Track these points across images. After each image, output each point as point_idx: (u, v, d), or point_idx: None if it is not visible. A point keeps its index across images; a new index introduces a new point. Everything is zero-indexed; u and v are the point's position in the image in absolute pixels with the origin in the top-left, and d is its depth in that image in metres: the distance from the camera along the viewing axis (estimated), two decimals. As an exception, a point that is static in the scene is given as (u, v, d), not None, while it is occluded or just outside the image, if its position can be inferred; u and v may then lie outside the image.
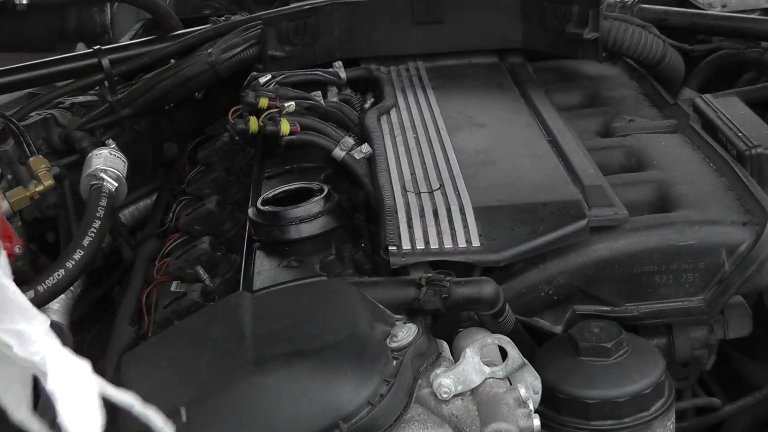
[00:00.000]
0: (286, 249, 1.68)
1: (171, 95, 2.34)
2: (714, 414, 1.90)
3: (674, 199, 1.74)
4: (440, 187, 1.70)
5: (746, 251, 1.61)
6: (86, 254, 1.82)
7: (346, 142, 1.84)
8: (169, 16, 2.65)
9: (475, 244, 1.56)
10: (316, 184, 1.78)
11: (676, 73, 2.27)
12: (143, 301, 1.76)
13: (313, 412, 1.24)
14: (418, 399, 1.32)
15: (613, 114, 2.12)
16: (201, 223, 1.89)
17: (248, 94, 1.90)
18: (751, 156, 1.86)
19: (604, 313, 1.64)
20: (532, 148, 1.83)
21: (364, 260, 1.66)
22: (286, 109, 1.87)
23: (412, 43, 2.32)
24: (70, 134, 2.29)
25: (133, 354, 1.48)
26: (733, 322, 1.74)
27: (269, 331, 1.35)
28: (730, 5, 2.84)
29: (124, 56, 2.48)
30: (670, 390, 1.53)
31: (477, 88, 2.17)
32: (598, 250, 1.62)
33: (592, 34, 2.13)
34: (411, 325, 1.38)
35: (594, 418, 1.48)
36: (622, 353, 1.52)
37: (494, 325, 1.49)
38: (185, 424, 1.23)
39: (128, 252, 2.21)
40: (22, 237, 2.02)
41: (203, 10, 3.44)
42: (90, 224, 1.86)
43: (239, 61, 2.25)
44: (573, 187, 1.68)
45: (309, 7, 2.29)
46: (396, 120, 1.98)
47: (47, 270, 1.81)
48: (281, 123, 1.84)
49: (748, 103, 2.09)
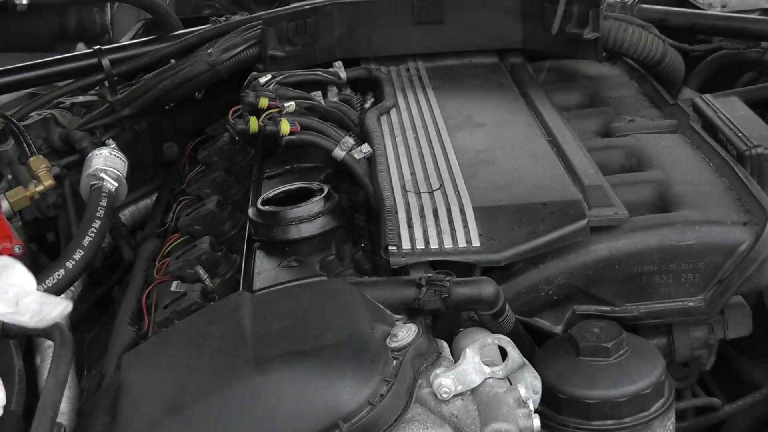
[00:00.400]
0: (287, 249, 1.68)
1: (171, 95, 2.34)
2: (714, 414, 1.90)
3: (674, 199, 1.74)
4: (440, 187, 1.70)
5: (746, 251, 1.61)
6: (86, 254, 1.82)
7: (346, 142, 1.84)
8: (169, 16, 2.65)
9: (475, 244, 1.56)
10: (316, 184, 1.78)
11: (676, 73, 2.27)
12: (143, 301, 1.76)
13: (314, 411, 1.24)
14: (418, 399, 1.32)
15: (613, 114, 2.12)
16: (201, 223, 1.89)
17: (248, 94, 1.90)
18: (751, 156, 1.87)
19: (604, 313, 1.64)
20: (532, 148, 1.83)
21: (364, 260, 1.66)
22: (286, 109, 1.87)
23: (413, 43, 2.32)
24: (70, 134, 2.29)
25: (134, 354, 1.48)
26: (732, 322, 1.74)
27: (269, 331, 1.35)
28: (730, 5, 2.85)
29: (124, 56, 2.48)
30: (670, 390, 1.53)
31: (477, 88, 2.17)
32: (598, 250, 1.62)
33: (592, 34, 2.13)
34: (411, 325, 1.38)
35: (594, 418, 1.48)
36: (622, 353, 1.52)
37: (494, 325, 1.49)
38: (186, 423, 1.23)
39: (128, 252, 2.21)
40: (22, 237, 2.02)
41: (203, 10, 3.45)
42: (90, 224, 1.86)
43: (239, 61, 2.25)
44: (573, 187, 1.68)
45: (309, 7, 2.29)
46: (396, 120, 1.98)
47: (47, 270, 1.81)
48: (281, 123, 1.84)
49: (748, 103, 2.10)
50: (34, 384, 1.73)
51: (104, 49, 2.46)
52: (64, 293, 1.89)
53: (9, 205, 2.00)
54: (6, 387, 1.48)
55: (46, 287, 1.79)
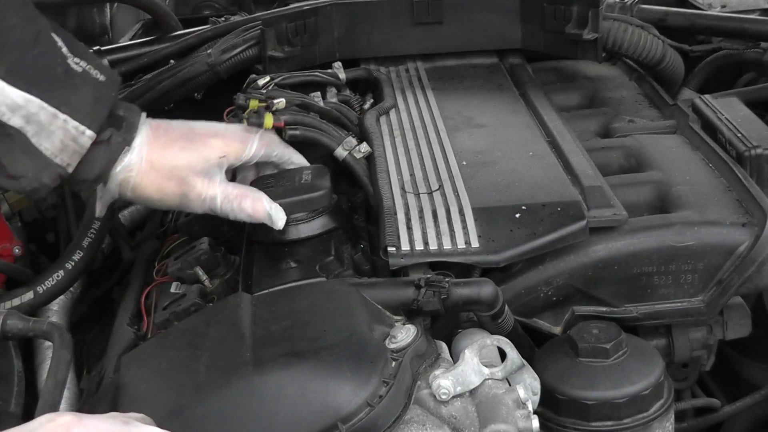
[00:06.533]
0: (286, 250, 1.68)
1: (170, 96, 2.34)
2: (713, 414, 1.90)
3: (673, 199, 1.74)
4: (439, 188, 1.70)
5: (745, 252, 1.61)
6: (86, 255, 1.82)
7: (348, 141, 1.83)
8: (168, 17, 2.65)
9: (475, 245, 1.56)
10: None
11: (676, 74, 2.27)
12: (142, 302, 1.76)
13: (312, 413, 1.24)
14: (417, 400, 1.32)
15: (613, 115, 2.12)
16: (200, 224, 1.89)
17: (239, 97, 1.90)
18: (751, 157, 1.86)
19: (604, 314, 1.64)
20: (531, 149, 1.83)
21: (363, 261, 1.66)
22: (276, 106, 1.86)
23: (412, 44, 2.32)
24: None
25: (133, 355, 1.48)
26: (732, 323, 1.74)
27: (268, 332, 1.35)
28: (730, 5, 2.84)
29: (124, 57, 2.48)
30: (670, 391, 1.53)
31: (476, 88, 2.17)
32: (598, 251, 1.62)
33: (592, 35, 2.13)
34: (410, 326, 1.38)
35: (593, 419, 1.48)
36: (621, 354, 1.52)
37: (493, 326, 1.49)
38: (184, 424, 1.23)
39: (128, 252, 2.21)
40: (22, 238, 2.02)
41: (203, 11, 3.44)
42: (90, 225, 1.86)
43: (239, 62, 2.25)
44: (572, 188, 1.68)
45: (308, 8, 2.29)
46: (395, 121, 1.98)
47: (47, 271, 1.81)
48: (265, 117, 1.82)
49: (748, 103, 2.09)
50: (34, 385, 1.73)
51: (103, 50, 2.46)
52: (64, 294, 1.89)
53: (8, 205, 2.00)
54: (5, 388, 1.49)
55: (45, 288, 1.79)
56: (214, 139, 1.68)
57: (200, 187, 1.64)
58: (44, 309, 1.89)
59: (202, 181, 1.64)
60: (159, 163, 1.62)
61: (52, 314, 1.92)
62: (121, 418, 1.15)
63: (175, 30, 2.61)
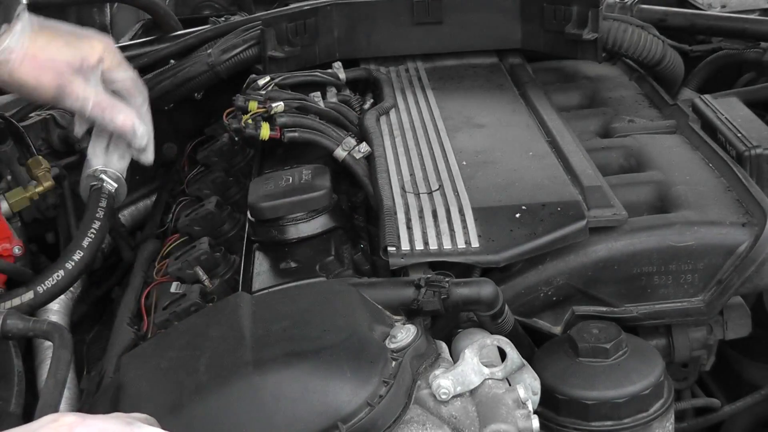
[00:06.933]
0: (286, 250, 1.68)
1: (170, 96, 2.34)
2: (713, 414, 1.90)
3: (673, 199, 1.74)
4: (439, 188, 1.70)
5: (745, 252, 1.61)
6: (86, 255, 1.81)
7: (348, 142, 1.83)
8: (168, 17, 2.65)
9: (475, 244, 1.56)
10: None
11: (676, 74, 2.27)
12: (143, 302, 1.76)
13: (312, 413, 1.24)
14: (417, 400, 1.32)
15: (613, 114, 2.12)
16: (200, 224, 1.89)
17: (238, 98, 1.91)
18: (750, 157, 1.86)
19: (604, 313, 1.64)
20: (531, 149, 1.83)
21: (363, 261, 1.66)
22: (274, 109, 1.86)
23: (412, 44, 2.32)
24: (70, 135, 2.28)
25: (133, 355, 1.48)
26: (732, 323, 1.74)
27: (268, 332, 1.35)
28: (730, 5, 2.84)
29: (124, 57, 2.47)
30: (670, 391, 1.53)
31: (476, 88, 2.17)
32: (598, 251, 1.62)
33: (592, 35, 2.13)
34: (410, 326, 1.38)
35: (593, 419, 1.48)
36: (621, 354, 1.52)
37: (493, 325, 1.49)
38: (184, 424, 1.23)
39: (128, 252, 2.21)
40: (22, 238, 2.02)
41: (202, 11, 3.44)
42: (90, 225, 1.86)
43: (239, 62, 2.25)
44: (572, 188, 1.68)
45: (308, 8, 2.29)
46: (395, 121, 1.98)
47: (47, 271, 1.81)
48: (261, 127, 1.84)
49: (748, 103, 2.09)
50: (34, 385, 1.73)
51: (103, 50, 2.46)
52: (64, 294, 1.89)
53: (8, 206, 2.00)
54: (5, 388, 1.49)
55: (45, 288, 1.79)
56: (96, 41, 1.75)
57: (76, 86, 1.70)
58: (44, 309, 1.89)
59: (79, 80, 1.70)
60: (40, 53, 1.67)
61: (52, 314, 1.92)
62: (125, 419, 1.15)
63: (175, 30, 2.61)
